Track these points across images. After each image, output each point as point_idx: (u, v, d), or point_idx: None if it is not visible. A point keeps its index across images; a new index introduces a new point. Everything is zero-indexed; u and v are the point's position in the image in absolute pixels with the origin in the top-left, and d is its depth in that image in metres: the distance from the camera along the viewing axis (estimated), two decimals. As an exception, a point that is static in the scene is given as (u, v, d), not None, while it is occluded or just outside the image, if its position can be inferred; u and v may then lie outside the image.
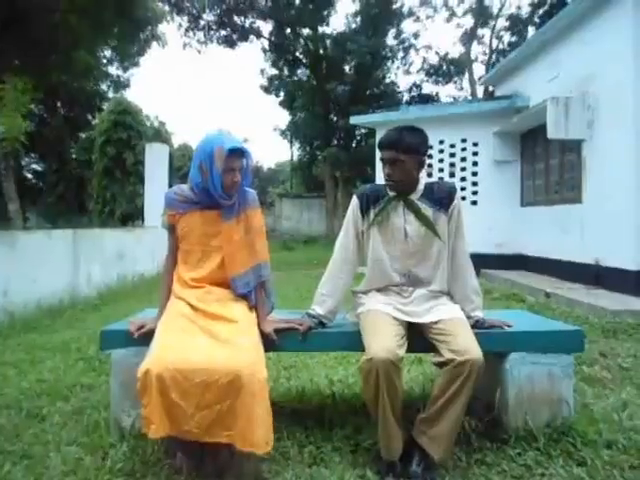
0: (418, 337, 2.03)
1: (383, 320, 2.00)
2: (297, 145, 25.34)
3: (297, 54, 21.83)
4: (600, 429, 2.13)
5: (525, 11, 20.79)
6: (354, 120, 10.84)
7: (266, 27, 21.69)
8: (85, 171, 14.87)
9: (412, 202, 2.10)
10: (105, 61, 18.28)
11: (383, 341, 1.86)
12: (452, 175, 9.29)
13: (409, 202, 2.10)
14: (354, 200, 2.20)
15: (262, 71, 22.77)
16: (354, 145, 21.20)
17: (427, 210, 2.10)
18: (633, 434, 2.11)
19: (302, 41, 21.48)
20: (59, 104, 18.30)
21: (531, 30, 19.53)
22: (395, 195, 2.11)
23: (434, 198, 2.10)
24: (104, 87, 19.34)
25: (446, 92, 27.45)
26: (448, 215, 2.12)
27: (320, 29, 20.61)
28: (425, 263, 2.13)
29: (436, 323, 2.00)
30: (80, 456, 1.97)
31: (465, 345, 1.86)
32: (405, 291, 2.13)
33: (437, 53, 22.80)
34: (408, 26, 25.50)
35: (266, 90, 23.04)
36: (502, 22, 21.39)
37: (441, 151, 9.40)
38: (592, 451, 1.97)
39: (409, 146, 2.02)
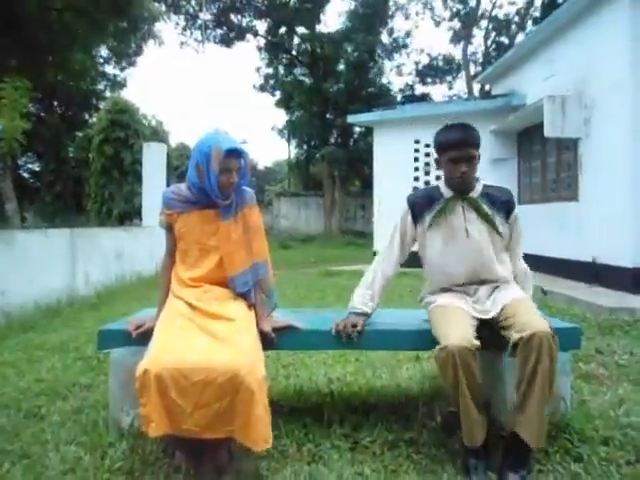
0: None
1: (456, 313, 2.01)
2: (294, 143, 25.35)
3: (294, 53, 21.83)
4: (597, 425, 2.15)
5: (507, 11, 21.03)
6: (351, 119, 10.86)
7: (262, 26, 21.71)
8: (82, 170, 14.82)
9: (474, 200, 2.11)
10: (102, 60, 18.26)
11: (459, 330, 1.87)
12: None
13: (471, 200, 2.11)
14: (404, 208, 2.21)
15: (258, 69, 22.80)
16: (351, 144, 21.20)
17: (486, 209, 2.12)
18: (629, 430, 2.13)
19: (299, 40, 21.48)
20: (56, 103, 18.25)
21: (520, 35, 19.68)
22: (453, 195, 2.13)
23: (493, 200, 2.13)
24: (101, 86, 19.30)
25: (440, 92, 27.63)
26: (509, 221, 2.15)
27: (317, 27, 20.61)
28: (487, 260, 2.13)
29: (500, 311, 2.01)
30: (79, 455, 1.97)
31: (528, 320, 1.85)
32: (469, 289, 2.14)
33: (428, 55, 22.90)
34: (400, 24, 25.60)
35: (262, 89, 23.04)
36: (492, 23, 21.53)
37: (438, 149, 9.41)
38: (589, 447, 1.98)
39: (478, 141, 2.08)
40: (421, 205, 2.17)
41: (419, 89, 22.78)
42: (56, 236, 5.86)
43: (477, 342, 1.85)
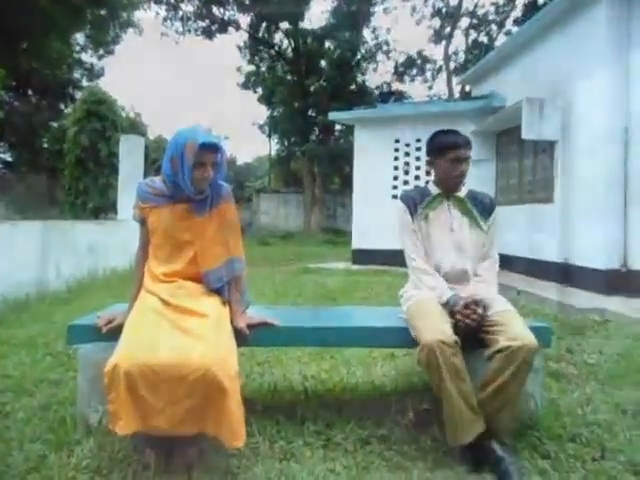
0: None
1: (432, 306, 2.05)
2: (276, 140, 25.24)
3: (276, 48, 21.71)
4: (565, 423, 2.19)
5: (488, 10, 21.31)
6: (333, 116, 10.82)
7: (245, 20, 21.53)
8: (57, 162, 14.46)
9: (459, 198, 2.28)
10: (78, 48, 17.82)
11: (434, 325, 1.91)
12: (428, 173, 9.38)
13: (457, 198, 2.28)
14: (401, 206, 2.30)
15: (239, 68, 22.64)
16: (332, 141, 21.21)
17: (470, 207, 2.28)
18: (596, 428, 2.18)
19: (282, 35, 21.37)
20: (30, 92, 17.75)
21: (500, 35, 19.98)
22: (441, 193, 2.28)
23: (477, 202, 2.29)
24: (77, 75, 18.85)
25: (419, 91, 27.97)
26: (488, 221, 2.29)
27: (300, 24, 20.52)
28: (470, 256, 2.22)
29: (488, 316, 2.04)
30: (44, 453, 1.92)
31: (520, 332, 1.92)
32: (452, 289, 2.16)
33: (407, 54, 22.99)
34: (380, 21, 25.72)
35: (244, 86, 22.87)
36: (472, 20, 21.78)
37: (418, 149, 9.48)
38: (556, 444, 2.02)
39: (472, 144, 2.29)
40: (414, 199, 2.30)
41: (397, 87, 22.92)
42: (27, 228, 5.70)
43: (455, 336, 1.89)
